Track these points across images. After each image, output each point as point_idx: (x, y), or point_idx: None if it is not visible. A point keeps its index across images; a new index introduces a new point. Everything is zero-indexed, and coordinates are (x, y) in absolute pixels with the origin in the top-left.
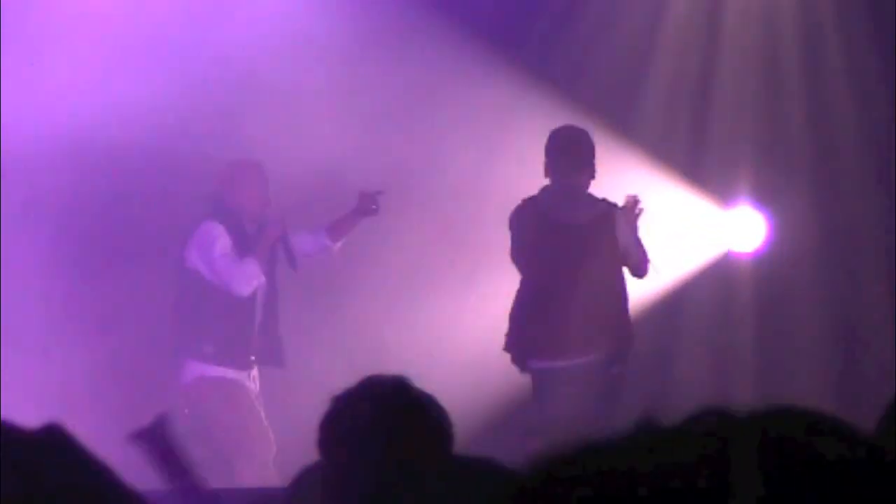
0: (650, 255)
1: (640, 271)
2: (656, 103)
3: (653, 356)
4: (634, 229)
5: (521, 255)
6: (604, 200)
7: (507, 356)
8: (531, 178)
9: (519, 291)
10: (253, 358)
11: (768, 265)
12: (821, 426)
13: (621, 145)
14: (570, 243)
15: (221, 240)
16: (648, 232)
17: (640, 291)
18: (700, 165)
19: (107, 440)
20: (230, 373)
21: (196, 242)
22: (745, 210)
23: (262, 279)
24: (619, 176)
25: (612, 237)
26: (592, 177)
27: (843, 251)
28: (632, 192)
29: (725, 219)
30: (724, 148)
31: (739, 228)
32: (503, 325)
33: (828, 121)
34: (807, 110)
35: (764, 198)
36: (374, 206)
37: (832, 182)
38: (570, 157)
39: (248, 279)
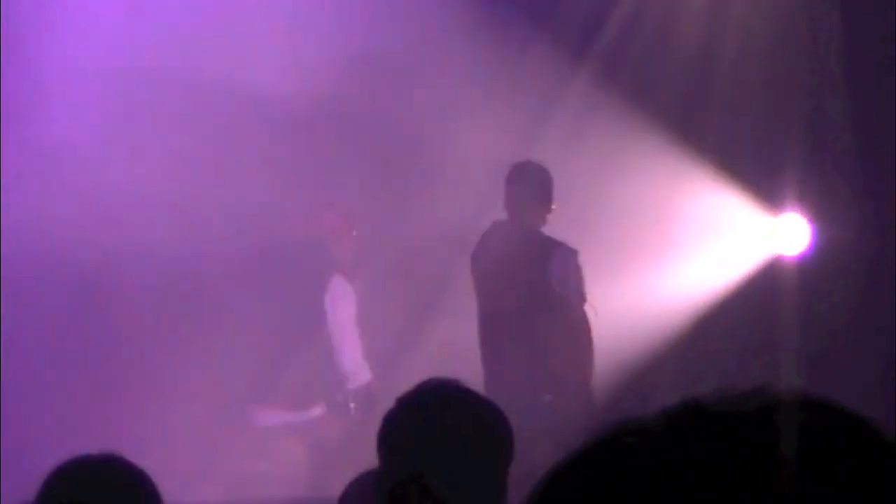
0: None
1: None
2: (708, 108)
3: (698, 359)
4: (576, 278)
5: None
6: (549, 240)
7: None
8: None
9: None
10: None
11: (813, 270)
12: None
13: (667, 149)
14: (507, 283)
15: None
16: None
17: (685, 294)
18: (747, 172)
19: None
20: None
21: (336, 297)
22: (792, 216)
23: None
24: (669, 179)
25: (546, 276)
26: (545, 212)
27: (886, 257)
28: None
29: (773, 224)
30: (771, 154)
31: (786, 234)
32: None
33: (874, 127)
34: (854, 117)
35: (810, 204)
36: None
37: (878, 188)
38: (520, 191)
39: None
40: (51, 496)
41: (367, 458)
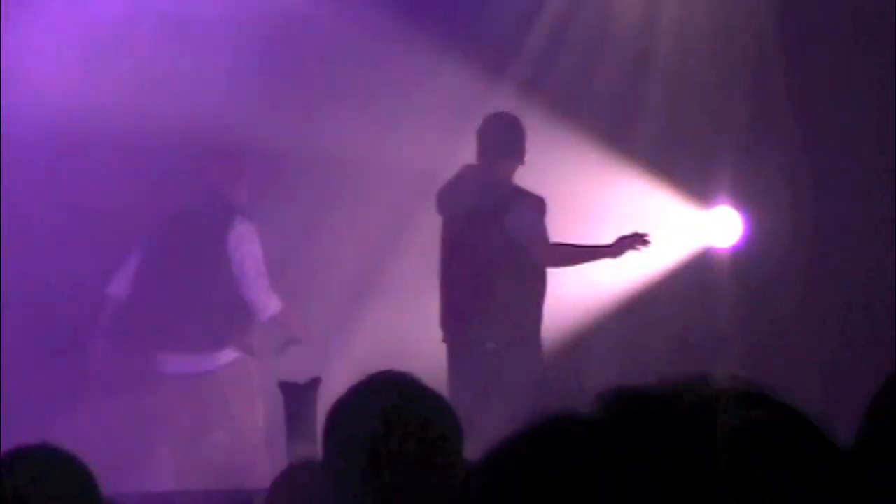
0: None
1: (542, 262)
2: (636, 103)
3: (629, 349)
4: (537, 224)
5: (441, 232)
6: (514, 188)
7: None
8: None
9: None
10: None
11: (746, 262)
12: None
13: (599, 146)
14: (465, 226)
15: (260, 255)
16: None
17: (619, 285)
18: (679, 165)
19: None
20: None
21: (243, 242)
22: (724, 209)
23: None
24: (599, 177)
25: (501, 224)
26: (517, 163)
27: (820, 248)
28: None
29: (704, 217)
30: (702, 147)
31: (718, 227)
32: None
33: (806, 119)
34: (784, 110)
35: (742, 197)
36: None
37: (809, 181)
38: (491, 140)
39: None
40: None
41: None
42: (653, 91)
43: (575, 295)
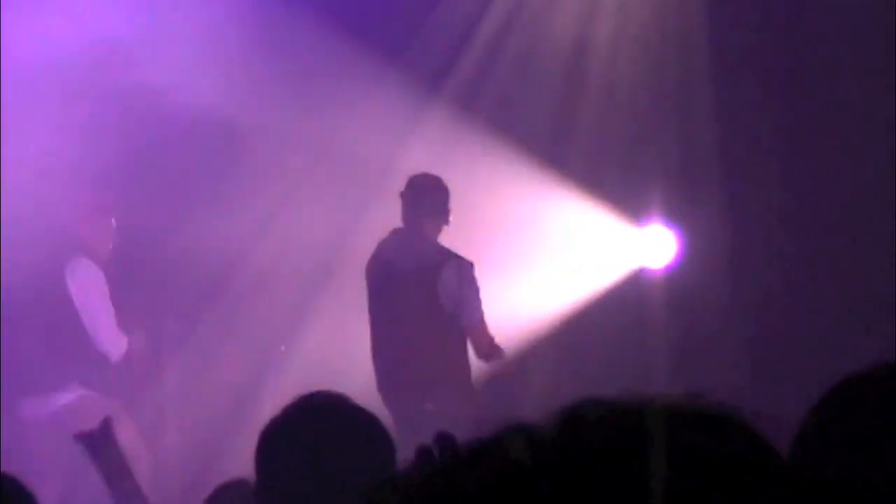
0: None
1: (470, 334)
2: (568, 122)
3: (564, 372)
4: (476, 308)
5: (369, 299)
6: (443, 251)
7: None
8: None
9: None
10: None
11: (679, 280)
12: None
13: (532, 164)
14: (397, 291)
15: (102, 291)
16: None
17: (552, 306)
18: (611, 184)
19: None
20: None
21: (79, 277)
22: (657, 227)
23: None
24: (533, 196)
25: (434, 290)
26: (443, 223)
27: (751, 265)
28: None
29: (637, 236)
30: (635, 167)
31: (651, 245)
32: None
33: (735, 139)
34: (714, 129)
35: (674, 215)
36: None
37: (739, 198)
38: (414, 203)
39: (119, 344)
40: None
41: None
42: (585, 109)
43: (508, 316)
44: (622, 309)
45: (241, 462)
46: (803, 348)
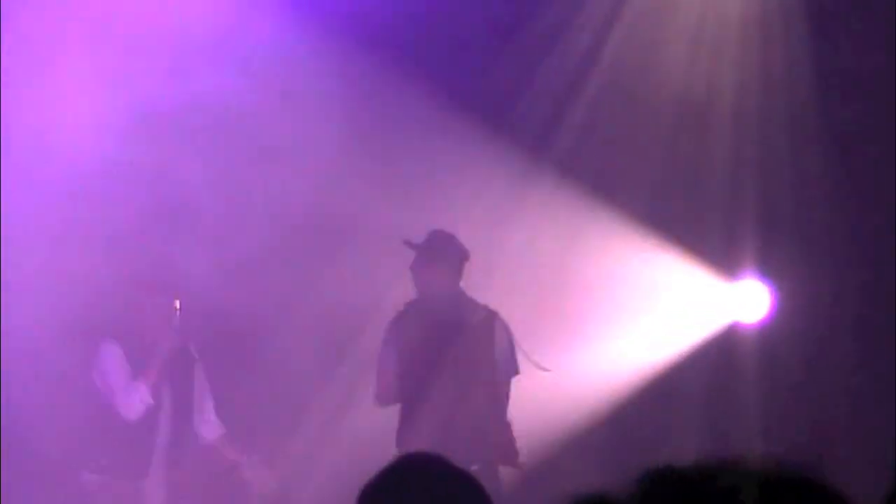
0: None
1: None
2: (659, 175)
3: (656, 427)
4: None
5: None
6: (481, 305)
7: None
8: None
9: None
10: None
11: (772, 336)
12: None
13: (625, 218)
14: (441, 342)
15: (118, 367)
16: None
17: (644, 363)
18: (705, 238)
19: None
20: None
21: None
22: (750, 282)
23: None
24: (625, 249)
25: (491, 342)
26: (457, 272)
27: (845, 323)
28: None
29: (730, 291)
30: (729, 221)
31: (744, 300)
32: None
33: (833, 194)
34: (811, 183)
35: (768, 270)
36: None
37: (834, 254)
38: (425, 267)
39: (133, 404)
40: None
41: None
42: (678, 164)
43: (597, 372)
44: (713, 367)
45: None
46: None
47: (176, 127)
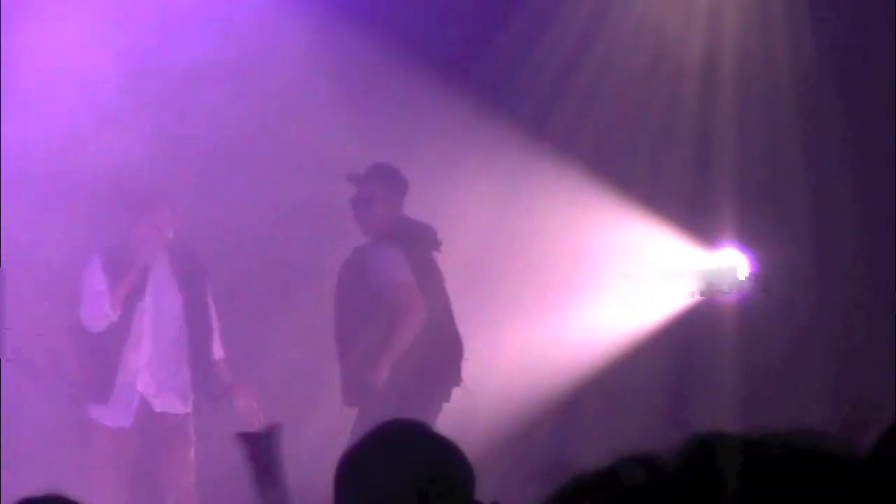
0: None
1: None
2: (645, 146)
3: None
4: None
5: None
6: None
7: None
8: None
9: None
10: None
11: (752, 307)
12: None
13: (607, 186)
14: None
15: (90, 277)
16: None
17: (623, 331)
18: (687, 208)
19: None
20: (94, 410)
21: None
22: (730, 252)
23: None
24: (605, 217)
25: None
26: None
27: (827, 293)
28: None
29: (710, 261)
30: (711, 191)
31: (724, 270)
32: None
33: (815, 166)
34: (795, 156)
35: (748, 240)
36: None
37: (817, 225)
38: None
39: (94, 317)
40: None
41: None
42: (656, 132)
43: (580, 340)
44: (693, 334)
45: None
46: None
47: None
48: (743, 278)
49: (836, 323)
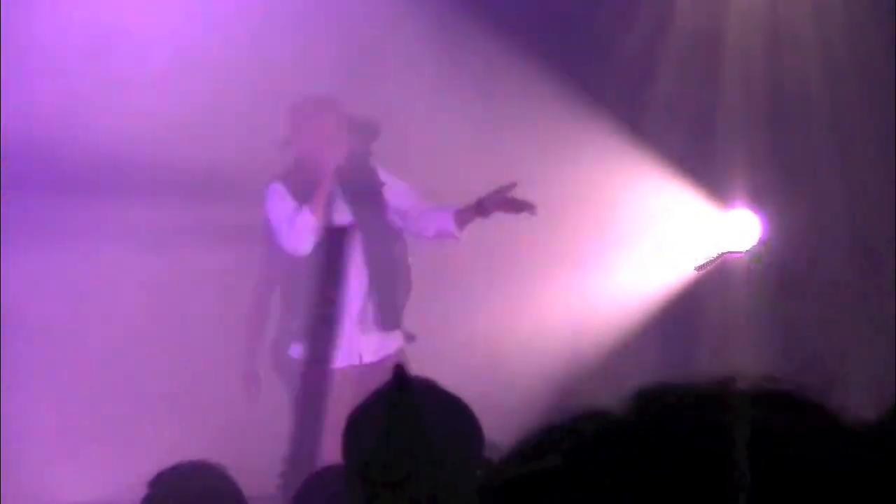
0: None
1: None
2: (659, 101)
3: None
4: None
5: None
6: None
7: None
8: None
9: None
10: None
11: (763, 267)
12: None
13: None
14: None
15: (279, 201)
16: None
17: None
18: (699, 166)
19: None
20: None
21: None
22: (742, 212)
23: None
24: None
25: None
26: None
27: (837, 254)
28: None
29: (722, 220)
30: (723, 149)
31: (735, 230)
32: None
33: (831, 124)
34: (809, 114)
35: (760, 200)
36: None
37: (830, 186)
38: None
39: (300, 235)
40: None
41: None
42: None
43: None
44: (704, 295)
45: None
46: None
47: None
48: (755, 239)
49: (844, 279)
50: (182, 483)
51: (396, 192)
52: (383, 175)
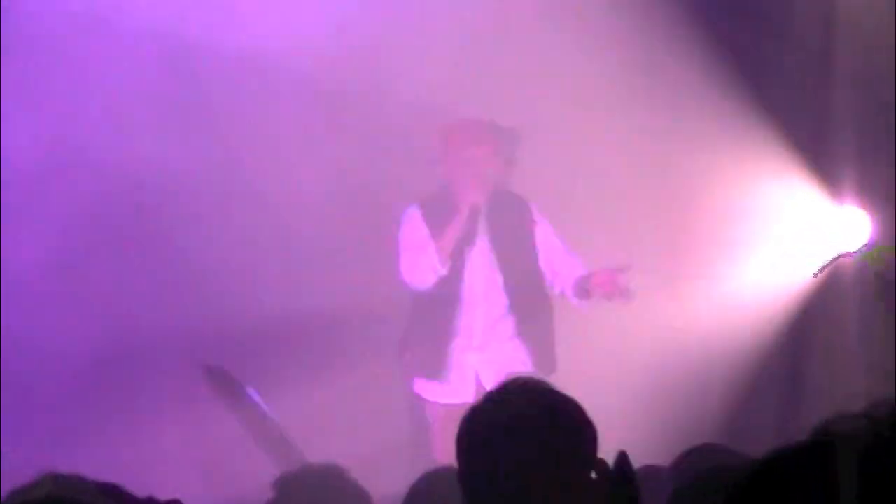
0: None
1: None
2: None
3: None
4: None
5: None
6: None
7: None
8: None
9: None
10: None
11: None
12: None
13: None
14: None
15: (412, 229)
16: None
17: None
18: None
19: None
20: (423, 385)
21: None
22: (851, 209)
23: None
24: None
25: None
26: None
27: None
28: None
29: (834, 217)
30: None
31: (845, 228)
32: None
33: None
34: None
35: (870, 198)
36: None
37: None
38: None
39: (421, 272)
40: None
41: None
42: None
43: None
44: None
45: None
46: None
47: None
48: (864, 236)
49: None
50: (310, 482)
51: (546, 235)
52: (535, 213)
